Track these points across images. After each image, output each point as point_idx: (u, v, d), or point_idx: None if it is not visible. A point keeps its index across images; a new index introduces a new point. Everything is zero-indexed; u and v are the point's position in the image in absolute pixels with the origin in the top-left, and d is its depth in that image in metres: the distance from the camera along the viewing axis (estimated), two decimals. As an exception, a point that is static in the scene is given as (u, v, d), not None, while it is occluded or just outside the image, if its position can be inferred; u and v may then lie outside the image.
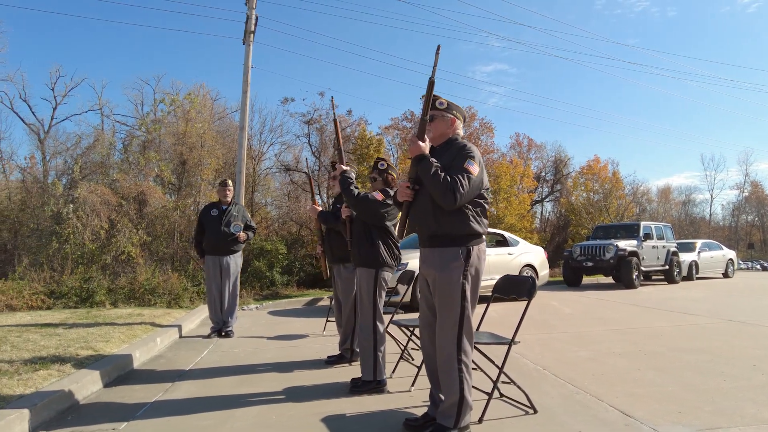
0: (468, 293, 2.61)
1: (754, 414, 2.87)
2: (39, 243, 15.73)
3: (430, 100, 2.65)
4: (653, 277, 13.72)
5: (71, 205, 16.43)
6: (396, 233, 3.69)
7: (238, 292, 6.00)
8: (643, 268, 12.19)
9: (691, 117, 53.78)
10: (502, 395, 3.12)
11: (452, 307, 2.59)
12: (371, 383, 3.43)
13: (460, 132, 2.82)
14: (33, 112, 26.08)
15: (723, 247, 16.12)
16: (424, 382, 3.50)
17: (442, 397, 2.67)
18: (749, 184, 39.02)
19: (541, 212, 32.42)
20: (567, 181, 31.44)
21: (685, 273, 13.61)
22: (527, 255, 9.98)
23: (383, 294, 3.61)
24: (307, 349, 5.04)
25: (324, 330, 6.11)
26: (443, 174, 2.53)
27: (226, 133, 30.47)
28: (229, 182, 6.02)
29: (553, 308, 8.14)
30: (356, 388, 3.46)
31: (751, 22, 56.56)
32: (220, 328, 5.86)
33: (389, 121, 29.68)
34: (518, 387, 3.01)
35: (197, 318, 7.03)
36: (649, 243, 12.61)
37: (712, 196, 39.98)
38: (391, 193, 3.60)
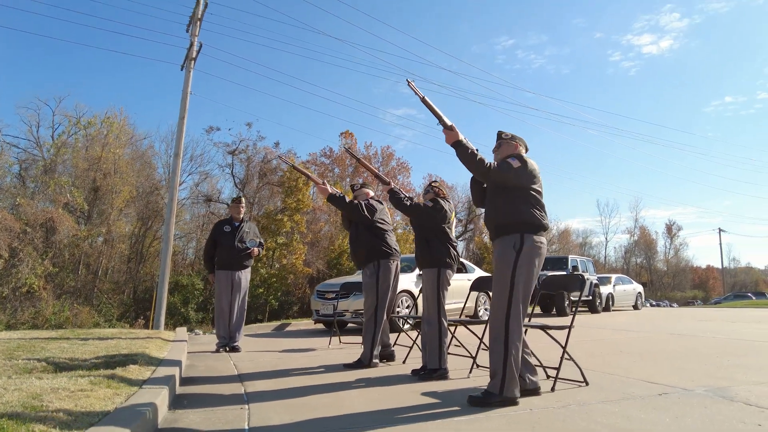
0: (517, 279, 3.04)
1: (744, 379, 3.76)
2: None
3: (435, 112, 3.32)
4: (573, 308, 15.19)
5: (-38, 231, 14.88)
6: (453, 236, 4.29)
7: (245, 308, 6.13)
8: (572, 298, 13.60)
9: (589, 164, 59.36)
10: (549, 375, 3.75)
11: (502, 291, 3.07)
12: (438, 370, 3.92)
13: (522, 153, 3.54)
14: None
15: (633, 281, 18.29)
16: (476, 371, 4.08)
17: (530, 377, 3.24)
18: (638, 228, 44.01)
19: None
20: (479, 221, 33.81)
21: (603, 304, 15.29)
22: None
23: (446, 291, 4.13)
24: (332, 356, 5.35)
25: (329, 344, 6.39)
26: (478, 154, 3.19)
27: (139, 160, 28.88)
28: (243, 200, 6.24)
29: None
30: (426, 375, 3.92)
31: (632, 83, 65.46)
32: (227, 343, 5.92)
33: (308, 156, 30.22)
34: (575, 363, 3.70)
35: (182, 337, 6.96)
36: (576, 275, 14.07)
37: (606, 239, 44.28)
38: (442, 203, 4.19)
